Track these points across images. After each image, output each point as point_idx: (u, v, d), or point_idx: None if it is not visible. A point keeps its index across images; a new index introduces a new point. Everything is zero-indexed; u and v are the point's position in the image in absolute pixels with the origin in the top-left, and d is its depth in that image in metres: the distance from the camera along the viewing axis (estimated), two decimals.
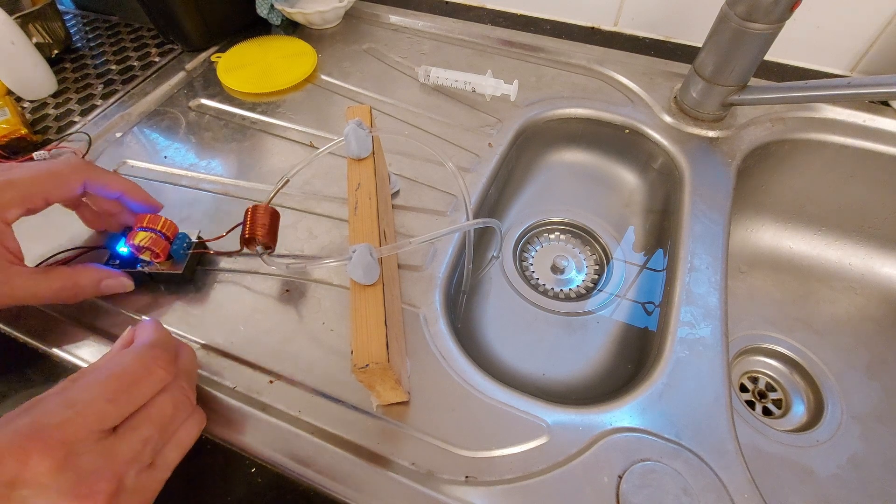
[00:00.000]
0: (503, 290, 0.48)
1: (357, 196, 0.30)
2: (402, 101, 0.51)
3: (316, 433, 0.30)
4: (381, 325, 0.24)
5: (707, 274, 0.38)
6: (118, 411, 0.23)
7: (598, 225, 0.53)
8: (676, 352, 0.34)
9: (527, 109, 0.50)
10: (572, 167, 0.55)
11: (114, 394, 0.23)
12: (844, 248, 0.55)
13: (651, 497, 0.27)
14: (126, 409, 0.23)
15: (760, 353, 0.52)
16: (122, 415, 0.23)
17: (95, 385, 0.23)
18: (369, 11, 0.62)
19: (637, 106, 0.50)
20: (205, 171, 0.45)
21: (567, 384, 0.42)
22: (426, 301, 0.36)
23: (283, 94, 0.52)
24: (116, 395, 0.23)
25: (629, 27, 0.59)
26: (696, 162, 0.45)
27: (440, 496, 0.28)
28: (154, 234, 0.34)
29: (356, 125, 0.31)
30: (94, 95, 0.52)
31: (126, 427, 0.23)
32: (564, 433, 0.30)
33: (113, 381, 0.23)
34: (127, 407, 0.23)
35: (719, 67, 0.43)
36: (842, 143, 0.48)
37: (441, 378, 0.32)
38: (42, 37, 0.55)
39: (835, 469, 0.44)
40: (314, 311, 0.35)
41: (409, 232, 0.40)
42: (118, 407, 0.23)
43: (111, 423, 0.22)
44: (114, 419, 0.23)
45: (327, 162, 0.44)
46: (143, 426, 0.23)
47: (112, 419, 0.22)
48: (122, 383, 0.23)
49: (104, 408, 0.22)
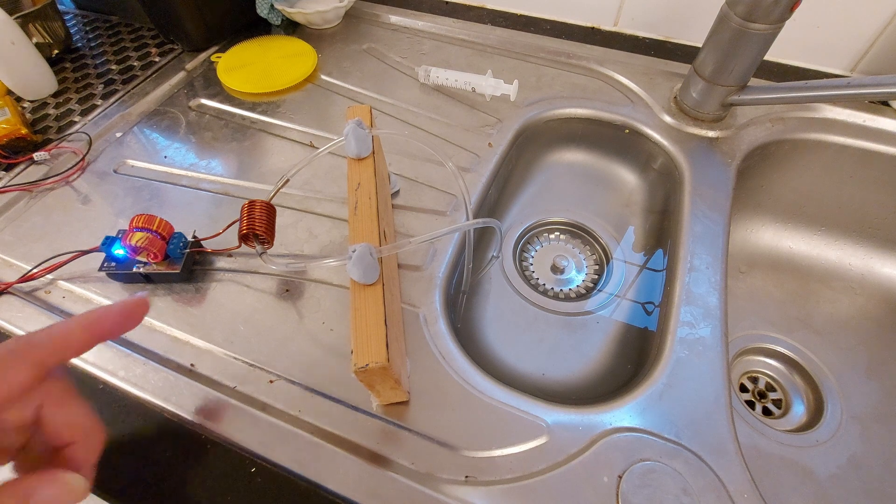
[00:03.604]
0: (503, 290, 0.48)
1: (357, 196, 0.30)
2: (402, 101, 0.51)
3: (316, 433, 0.30)
4: (381, 325, 0.24)
5: (707, 274, 0.38)
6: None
7: (598, 225, 0.53)
8: (676, 352, 0.34)
9: (527, 109, 0.50)
10: (572, 167, 0.55)
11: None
12: (844, 248, 0.55)
13: (651, 497, 0.27)
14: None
15: (760, 353, 0.52)
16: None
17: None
18: (369, 11, 0.62)
19: (637, 106, 0.50)
20: (205, 171, 0.45)
21: (567, 384, 0.42)
22: (426, 301, 0.36)
23: (283, 94, 0.52)
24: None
25: (629, 27, 0.59)
26: (696, 162, 0.45)
27: (440, 496, 0.28)
28: (150, 235, 0.34)
29: (356, 125, 0.31)
30: (94, 95, 0.52)
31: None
32: (564, 433, 0.30)
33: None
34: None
35: (719, 67, 0.43)
36: (842, 143, 0.48)
37: (441, 378, 0.32)
38: (42, 37, 0.55)
39: (835, 469, 0.44)
40: (314, 310, 0.35)
41: (409, 232, 0.40)
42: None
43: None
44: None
45: (327, 162, 0.44)
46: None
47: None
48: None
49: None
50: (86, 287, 0.37)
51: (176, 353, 0.33)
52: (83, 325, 0.23)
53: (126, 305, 0.24)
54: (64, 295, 0.37)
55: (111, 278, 0.37)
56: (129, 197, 0.43)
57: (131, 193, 0.43)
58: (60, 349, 0.22)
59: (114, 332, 0.24)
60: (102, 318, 0.24)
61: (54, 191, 0.43)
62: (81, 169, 0.45)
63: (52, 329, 0.22)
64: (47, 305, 0.36)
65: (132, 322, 0.25)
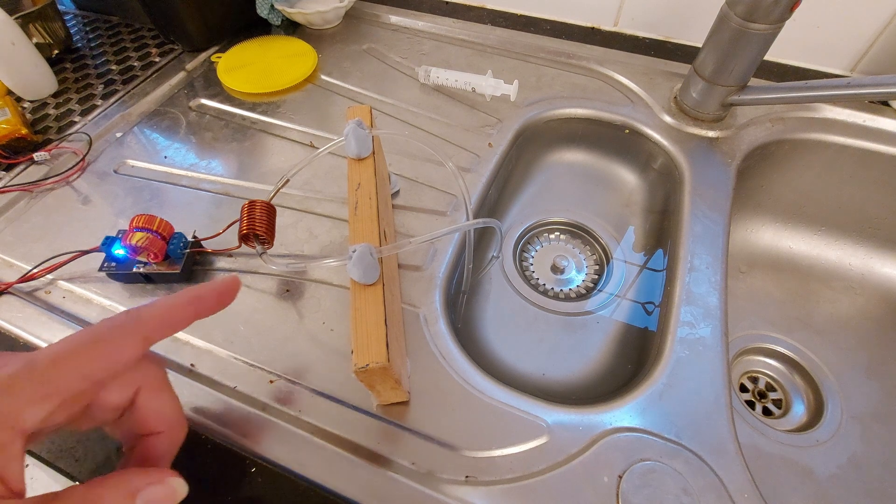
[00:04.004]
0: (503, 290, 0.48)
1: (357, 196, 0.30)
2: (402, 101, 0.51)
3: (316, 433, 0.30)
4: (381, 325, 0.24)
5: (707, 274, 0.38)
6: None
7: (598, 225, 0.53)
8: (676, 352, 0.34)
9: (527, 109, 0.50)
10: (572, 167, 0.55)
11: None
12: (844, 248, 0.55)
13: (651, 497, 0.27)
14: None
15: (760, 353, 0.52)
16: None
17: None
18: (369, 11, 0.62)
19: (637, 106, 0.50)
20: (205, 171, 0.45)
21: (567, 384, 0.42)
22: (426, 301, 0.36)
23: (283, 94, 0.52)
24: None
25: (629, 27, 0.59)
26: (696, 162, 0.45)
27: (440, 496, 0.28)
28: (150, 235, 0.34)
29: (356, 125, 0.31)
30: (94, 95, 0.52)
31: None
32: (564, 433, 0.30)
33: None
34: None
35: (719, 67, 0.43)
36: (842, 143, 0.48)
37: (441, 378, 0.32)
38: (42, 37, 0.55)
39: (835, 469, 0.44)
40: (314, 310, 0.35)
41: (409, 232, 0.40)
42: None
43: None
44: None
45: (327, 162, 0.44)
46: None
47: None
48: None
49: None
50: (86, 287, 0.37)
51: (176, 353, 0.33)
52: (186, 300, 0.23)
53: (223, 283, 0.25)
54: (64, 295, 0.37)
55: (111, 278, 0.37)
56: (129, 197, 0.43)
57: (131, 193, 0.43)
58: (167, 324, 0.22)
59: (211, 309, 0.24)
60: (203, 295, 0.24)
61: (54, 191, 0.43)
62: (81, 169, 0.45)
63: (159, 304, 0.22)
64: (47, 305, 0.36)
65: (227, 300, 0.25)
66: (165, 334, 0.22)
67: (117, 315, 0.21)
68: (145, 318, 0.22)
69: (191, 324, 0.23)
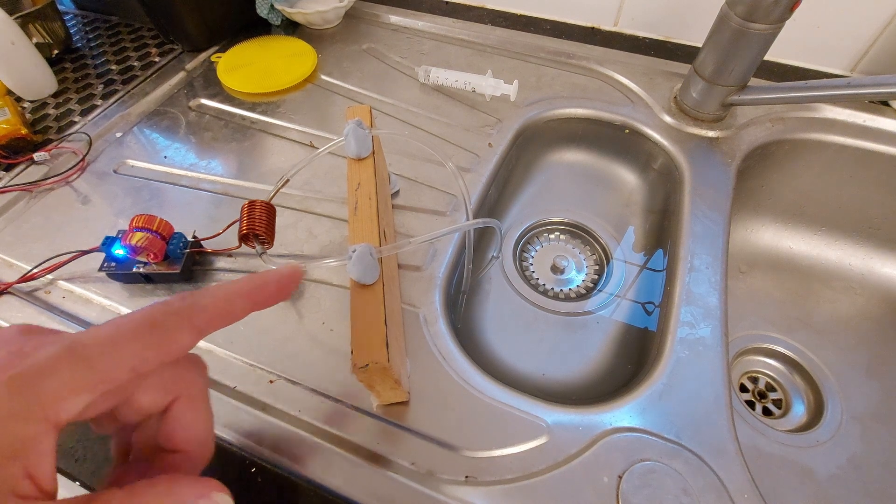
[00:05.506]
0: (503, 290, 0.48)
1: (357, 196, 0.30)
2: (402, 101, 0.51)
3: (316, 433, 0.30)
4: (381, 324, 0.24)
5: (707, 274, 0.38)
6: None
7: (598, 225, 0.53)
8: (676, 352, 0.34)
9: (527, 109, 0.50)
10: (572, 167, 0.55)
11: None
12: (844, 248, 0.55)
13: (651, 497, 0.27)
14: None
15: (760, 353, 0.52)
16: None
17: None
18: (369, 11, 0.62)
19: (637, 106, 0.50)
20: (205, 171, 0.45)
21: (567, 384, 0.42)
22: (426, 301, 0.36)
23: (283, 94, 0.52)
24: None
25: (629, 27, 0.59)
26: (696, 162, 0.45)
27: (440, 496, 0.28)
28: (150, 235, 0.34)
29: (356, 125, 0.31)
30: (94, 95, 0.52)
31: None
32: (564, 433, 0.30)
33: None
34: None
35: (719, 67, 0.43)
36: (842, 143, 0.48)
37: (441, 378, 0.32)
38: (42, 37, 0.55)
39: (835, 469, 0.44)
40: (314, 310, 0.35)
41: (409, 232, 0.40)
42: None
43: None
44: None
45: (327, 162, 0.44)
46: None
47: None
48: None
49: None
50: (86, 287, 0.37)
51: None
52: (245, 291, 0.20)
53: (283, 274, 0.22)
54: (64, 295, 0.37)
55: (111, 278, 0.37)
56: (129, 197, 0.43)
57: (131, 193, 0.43)
58: (222, 315, 0.19)
59: (269, 302, 0.21)
60: (262, 286, 0.21)
61: (54, 191, 0.43)
62: (81, 169, 0.45)
63: (215, 292, 0.20)
64: (47, 306, 0.36)
65: (287, 292, 0.22)
66: (218, 326, 0.19)
67: (172, 299, 0.19)
68: (201, 308, 0.19)
69: (246, 316, 0.20)
